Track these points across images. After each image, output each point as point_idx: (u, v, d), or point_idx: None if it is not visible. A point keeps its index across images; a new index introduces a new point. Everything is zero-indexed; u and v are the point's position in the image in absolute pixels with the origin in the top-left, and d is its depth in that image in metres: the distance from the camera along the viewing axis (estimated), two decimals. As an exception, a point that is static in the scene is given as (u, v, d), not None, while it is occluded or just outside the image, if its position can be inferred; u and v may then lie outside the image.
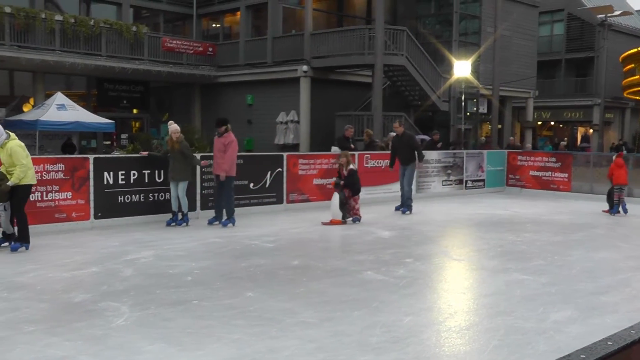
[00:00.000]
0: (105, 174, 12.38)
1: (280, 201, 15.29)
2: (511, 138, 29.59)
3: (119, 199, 12.61)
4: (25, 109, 25.54)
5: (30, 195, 11.32)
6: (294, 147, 26.01)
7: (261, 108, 27.63)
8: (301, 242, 11.17)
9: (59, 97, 22.15)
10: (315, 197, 15.96)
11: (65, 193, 11.99)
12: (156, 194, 13.10)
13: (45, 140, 22.41)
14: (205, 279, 8.13)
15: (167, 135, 29.14)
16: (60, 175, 11.92)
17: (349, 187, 13.12)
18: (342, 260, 9.43)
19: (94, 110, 26.25)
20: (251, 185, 14.76)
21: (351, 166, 13.29)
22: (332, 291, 7.52)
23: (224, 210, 12.69)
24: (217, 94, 29.50)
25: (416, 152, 15.24)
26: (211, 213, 13.25)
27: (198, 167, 13.49)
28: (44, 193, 11.71)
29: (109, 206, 12.43)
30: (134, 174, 12.81)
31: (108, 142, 26.82)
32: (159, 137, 28.22)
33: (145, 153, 13.09)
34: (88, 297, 7.18)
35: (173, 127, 12.58)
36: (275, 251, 10.17)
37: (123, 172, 12.66)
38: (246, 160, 14.69)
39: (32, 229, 10.98)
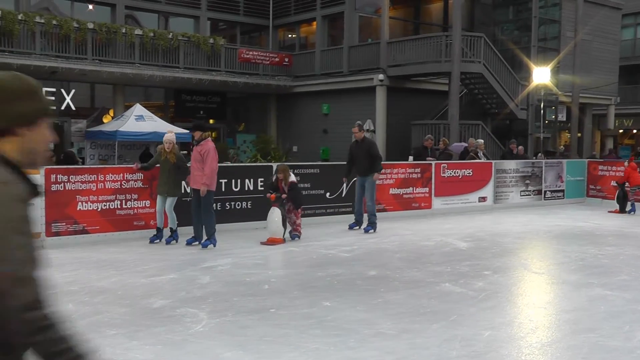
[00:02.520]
0: (183, 183, 12.62)
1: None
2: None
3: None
4: (105, 120, 26.36)
5: (110, 204, 11.71)
6: (370, 156, 25.93)
7: (337, 117, 27.70)
8: (378, 252, 11.13)
9: (138, 109, 22.76)
10: (392, 207, 15.87)
11: (144, 201, 12.30)
12: (233, 203, 13.32)
13: (124, 150, 23.02)
14: (282, 287, 8.20)
15: (243, 144, 29.62)
16: (139, 184, 12.25)
17: (292, 200, 11.94)
18: (419, 272, 9.34)
19: (172, 120, 26.82)
20: (327, 194, 14.80)
21: (292, 178, 11.97)
22: (410, 302, 7.46)
23: (205, 230, 11.27)
24: (293, 103, 29.75)
25: (375, 162, 13.42)
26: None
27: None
28: (123, 201, 12.05)
29: (186, 214, 12.65)
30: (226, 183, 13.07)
31: (185, 152, 27.40)
32: (235, 146, 28.67)
33: (136, 166, 11.97)
34: (167, 303, 7.35)
35: (167, 136, 11.61)
36: (352, 261, 10.17)
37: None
38: (322, 169, 14.76)
39: (112, 236, 11.32)
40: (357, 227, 13.62)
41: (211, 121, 31.06)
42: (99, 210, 11.75)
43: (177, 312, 6.95)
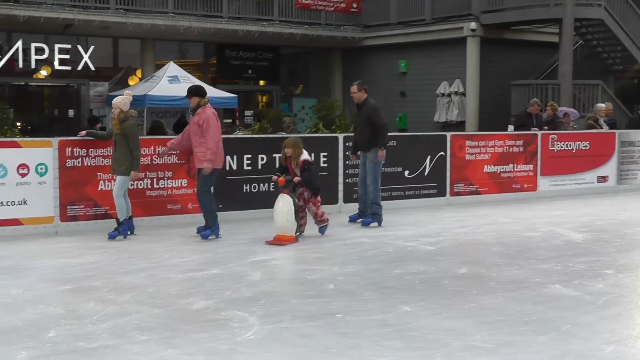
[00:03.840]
0: (227, 158, 12.71)
1: (442, 193, 15.19)
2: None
3: (244, 188, 12.96)
4: (131, 82, 26.70)
5: (138, 183, 11.88)
6: (459, 125, 25.71)
7: (417, 77, 27.49)
8: (470, 245, 11.06)
9: (172, 68, 22.99)
10: (487, 188, 15.72)
11: (180, 180, 12.44)
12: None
13: (154, 118, 23.32)
14: (351, 287, 8.19)
15: (301, 111, 29.75)
16: (174, 160, 12.39)
17: (307, 184, 11.29)
18: (522, 270, 9.22)
19: (213, 82, 27.07)
20: (406, 173, 14.73)
21: (304, 156, 11.27)
22: (511, 308, 7.37)
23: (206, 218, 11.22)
24: (363, 60, 29.62)
25: (377, 134, 12.43)
26: (357, 207, 13.31)
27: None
28: (155, 180, 12.22)
29: (232, 196, 12.77)
30: (261, 158, 13.12)
31: (229, 121, 27.62)
32: (292, 114, 28.71)
33: (82, 133, 11.81)
34: (209, 304, 7.43)
35: (116, 99, 11.20)
36: (437, 255, 10.12)
37: (249, 155, 12.98)
38: (400, 141, 14.70)
39: (140, 221, 11.51)
40: (361, 219, 12.84)
41: (262, 83, 31.21)
42: (126, 190, 11.95)
43: (221, 315, 7.01)
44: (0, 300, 7.58)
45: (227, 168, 12.67)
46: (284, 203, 10.87)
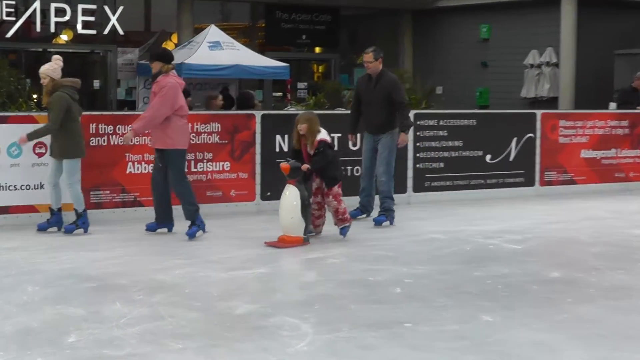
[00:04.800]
0: (278, 137, 12.73)
1: (530, 182, 15.09)
2: None
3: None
4: (165, 48, 26.92)
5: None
6: (551, 102, 25.39)
7: (501, 45, 27.21)
8: (563, 244, 10.99)
9: (213, 32, 23.04)
10: (585, 177, 15.58)
11: (221, 163, 12.54)
12: (350, 168, 13.41)
13: (192, 91, 23.41)
14: (421, 292, 8.17)
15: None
16: (215, 139, 12.48)
17: (320, 173, 10.81)
18: (627, 275, 9.14)
19: (261, 49, 27.08)
20: (487, 158, 14.65)
21: (321, 136, 10.70)
22: (612, 320, 7.30)
23: (183, 211, 10.89)
24: (437, 24, 29.43)
25: (397, 113, 12.09)
26: (429, 197, 13.30)
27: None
28: (192, 163, 12.31)
29: (282, 182, 12.69)
30: (317, 138, 13.10)
31: (280, 94, 27.65)
32: (353, 86, 28.61)
33: (23, 138, 10.89)
34: (255, 308, 7.45)
35: (44, 67, 11.02)
36: (524, 256, 10.07)
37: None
38: (480, 120, 14.61)
39: (175, 210, 11.55)
40: (364, 216, 12.43)
41: (317, 50, 31.13)
42: (152, 173, 12.06)
43: (269, 321, 7.02)
44: (14, 298, 7.69)
45: (277, 150, 12.69)
46: (289, 196, 10.42)
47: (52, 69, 10.95)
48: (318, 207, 10.88)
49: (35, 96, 22.20)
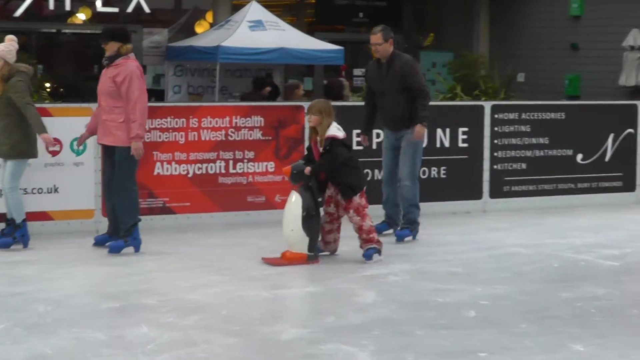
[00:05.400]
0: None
1: (629, 187, 14.96)
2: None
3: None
4: (198, 29, 26.93)
5: (208, 166, 12.01)
6: (655, 91, 25.16)
7: (596, 23, 26.99)
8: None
9: (254, 10, 23.00)
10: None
11: (265, 164, 12.57)
12: (426, 169, 13.39)
13: (230, 78, 23.44)
14: (500, 315, 8.15)
15: (431, 69, 29.57)
16: (257, 135, 12.50)
17: (331, 178, 10.39)
18: None
19: (310, 29, 27.09)
20: (578, 157, 14.55)
21: (332, 131, 10.31)
22: None
23: (119, 220, 10.69)
24: (517, 1, 29.32)
25: (417, 104, 11.60)
26: (508, 204, 13.23)
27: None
28: (230, 162, 12.37)
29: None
30: (377, 135, 13.05)
31: (344, 79, 27.61)
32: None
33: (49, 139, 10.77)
34: (304, 333, 7.44)
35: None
36: (622, 274, 9.99)
37: (359, 130, 12.94)
38: (570, 113, 14.52)
39: (210, 218, 11.65)
40: (392, 231, 11.95)
41: (376, 30, 31.09)
42: (189, 176, 12.12)
43: (320, 349, 7.01)
44: (23, 319, 7.75)
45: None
46: (291, 205, 10.24)
47: (7, 50, 10.66)
48: (330, 219, 10.49)
49: (48, 85, 22.42)
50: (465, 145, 13.58)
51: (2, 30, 22.99)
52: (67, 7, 24.63)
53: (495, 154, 13.85)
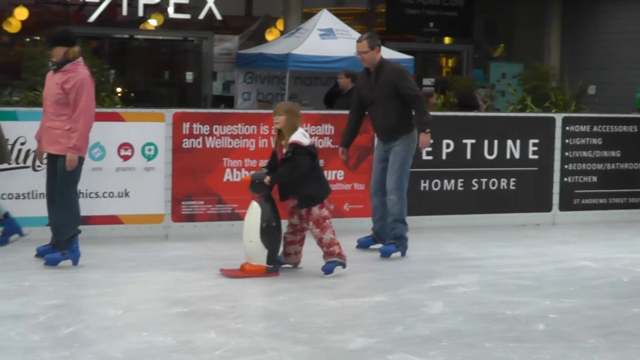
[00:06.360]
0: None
1: None
2: None
3: (422, 185, 13.02)
4: (269, 36, 27.02)
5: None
6: None
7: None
8: None
9: (325, 19, 23.04)
10: None
11: (334, 172, 12.61)
12: (484, 180, 13.35)
13: (299, 86, 23.48)
14: (568, 330, 8.07)
15: (501, 80, 29.40)
16: (327, 143, 12.59)
17: (290, 186, 10.04)
18: None
19: (380, 39, 26.81)
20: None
21: (295, 136, 9.87)
22: None
23: (57, 230, 10.27)
24: (591, 9, 29.00)
25: (413, 110, 11.25)
26: (578, 217, 13.12)
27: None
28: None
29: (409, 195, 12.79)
30: (447, 145, 13.14)
31: (428, 88, 27.59)
32: (488, 84, 28.42)
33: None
34: (371, 342, 7.41)
35: None
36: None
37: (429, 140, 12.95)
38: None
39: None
40: (378, 245, 11.49)
41: (447, 40, 31.00)
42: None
43: (388, 359, 7.00)
44: (93, 322, 7.84)
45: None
46: (251, 216, 9.93)
47: None
48: (292, 230, 10.16)
49: (119, 90, 22.62)
50: (536, 157, 13.51)
51: (76, 35, 23.40)
52: (140, 13, 24.83)
53: (566, 166, 13.76)
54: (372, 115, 11.44)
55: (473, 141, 13.10)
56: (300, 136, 9.84)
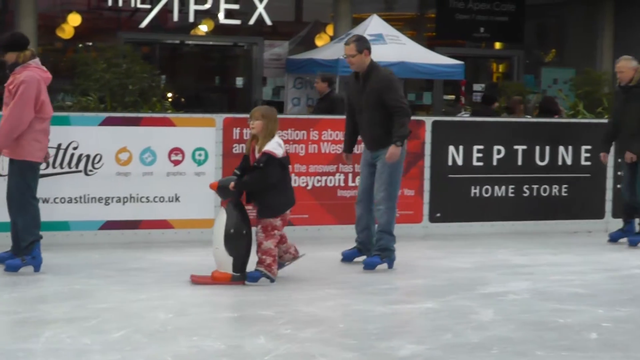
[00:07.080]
0: (451, 148, 12.66)
1: None
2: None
3: (473, 191, 12.95)
4: (319, 42, 27.02)
5: (327, 179, 12.02)
6: None
7: None
8: None
9: (374, 24, 23.01)
10: None
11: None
12: (536, 187, 13.26)
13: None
14: (623, 339, 7.98)
15: (552, 86, 29.21)
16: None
17: (255, 194, 9.80)
18: None
19: (430, 44, 26.97)
20: None
21: (271, 146, 9.62)
22: None
23: (16, 237, 10.06)
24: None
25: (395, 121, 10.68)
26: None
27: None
28: (349, 175, 12.49)
29: (456, 202, 12.75)
30: (498, 151, 13.08)
31: (452, 97, 27.50)
32: (539, 89, 28.25)
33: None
34: (421, 349, 7.36)
35: None
36: None
37: (480, 146, 12.90)
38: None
39: (329, 231, 11.60)
40: (363, 257, 11.00)
41: (498, 45, 30.86)
42: (308, 188, 12.22)
43: (444, 367, 7.01)
44: (144, 326, 7.85)
45: (450, 163, 12.63)
46: (218, 223, 9.75)
47: None
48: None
49: (170, 95, 22.71)
50: (588, 163, 13.39)
51: (128, 40, 23.62)
52: (191, 19, 24.98)
53: (620, 173, 13.60)
54: (359, 122, 11.06)
55: (524, 147, 13.02)
56: (275, 146, 9.62)
